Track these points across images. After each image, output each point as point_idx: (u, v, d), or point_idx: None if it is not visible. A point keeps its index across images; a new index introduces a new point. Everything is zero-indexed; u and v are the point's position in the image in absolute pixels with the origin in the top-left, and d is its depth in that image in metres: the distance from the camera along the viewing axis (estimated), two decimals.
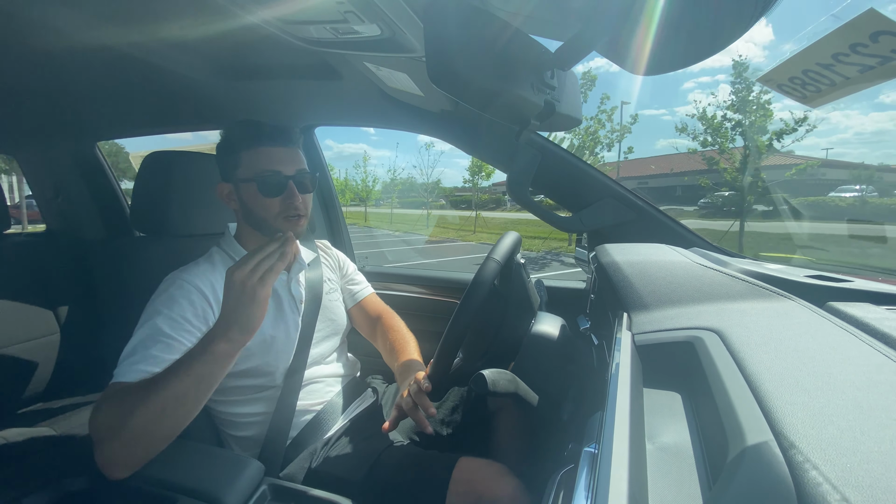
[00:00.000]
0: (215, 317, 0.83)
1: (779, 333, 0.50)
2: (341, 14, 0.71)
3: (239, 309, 0.67)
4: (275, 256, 0.70)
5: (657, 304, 0.66)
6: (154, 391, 0.64)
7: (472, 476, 0.80)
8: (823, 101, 0.50)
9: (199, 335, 0.79)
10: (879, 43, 0.42)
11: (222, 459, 0.73)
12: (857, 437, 0.29)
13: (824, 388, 0.36)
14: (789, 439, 0.30)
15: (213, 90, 1.29)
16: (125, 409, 0.63)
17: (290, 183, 0.88)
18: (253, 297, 0.67)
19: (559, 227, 1.19)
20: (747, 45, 50.99)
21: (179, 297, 0.80)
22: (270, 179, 0.86)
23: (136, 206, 1.02)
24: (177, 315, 0.77)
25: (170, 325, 0.76)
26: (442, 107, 1.17)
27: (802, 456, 0.28)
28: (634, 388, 0.43)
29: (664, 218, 1.13)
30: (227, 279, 0.68)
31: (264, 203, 0.87)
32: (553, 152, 1.15)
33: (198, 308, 0.81)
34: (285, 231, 0.88)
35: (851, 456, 0.28)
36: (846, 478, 0.26)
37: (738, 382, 0.39)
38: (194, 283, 0.82)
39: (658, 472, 0.37)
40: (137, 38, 0.97)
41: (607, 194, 1.14)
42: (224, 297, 0.69)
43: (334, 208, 1.74)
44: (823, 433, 0.30)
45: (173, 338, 0.75)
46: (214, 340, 0.67)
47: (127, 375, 0.69)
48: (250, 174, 0.87)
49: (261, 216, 0.89)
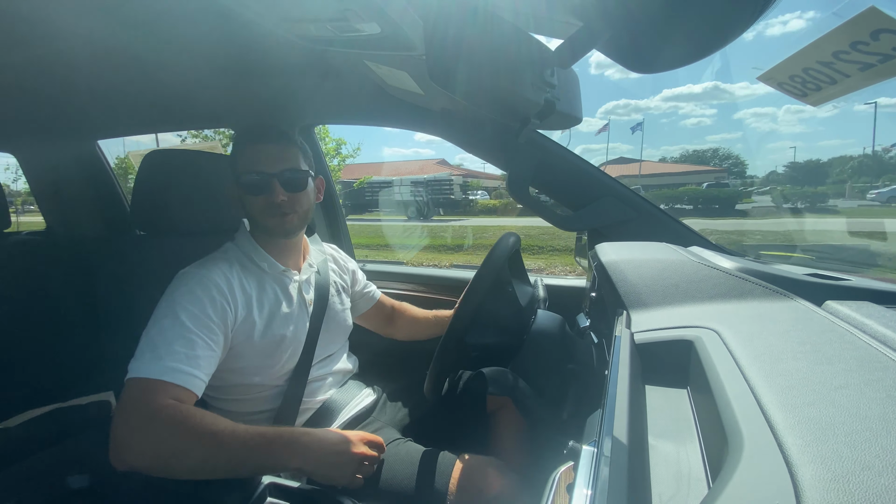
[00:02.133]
0: (233, 314, 0.83)
1: (778, 333, 0.50)
2: (341, 12, 0.71)
3: (337, 469, 0.73)
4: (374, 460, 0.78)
5: (657, 303, 0.66)
6: (206, 444, 0.66)
7: (473, 471, 0.80)
8: (824, 98, 0.50)
9: (219, 331, 0.79)
10: (880, 41, 0.42)
11: None
12: (857, 440, 0.29)
13: (824, 388, 0.36)
14: (788, 439, 0.30)
15: (214, 89, 1.29)
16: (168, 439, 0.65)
17: (274, 181, 0.88)
18: (350, 472, 0.74)
19: (559, 226, 1.19)
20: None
21: (200, 293, 0.80)
22: (253, 178, 0.88)
23: (137, 205, 1.02)
24: (198, 311, 0.78)
25: (192, 320, 0.76)
26: (442, 105, 1.17)
27: (801, 455, 0.28)
28: (634, 387, 0.43)
29: (664, 216, 1.13)
30: (348, 443, 0.75)
31: (251, 201, 0.90)
32: (553, 151, 1.15)
33: (217, 305, 0.81)
34: (272, 227, 0.90)
35: (851, 458, 0.28)
36: (844, 480, 0.26)
37: (737, 381, 0.39)
38: (214, 279, 0.83)
39: (657, 470, 0.37)
40: (138, 37, 0.97)
41: (607, 193, 1.14)
42: (332, 445, 0.74)
43: (334, 208, 1.74)
44: (823, 434, 0.30)
45: (195, 332, 0.75)
46: (291, 457, 0.70)
47: (150, 371, 0.70)
48: (237, 172, 0.90)
49: (251, 214, 0.92)
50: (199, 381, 0.73)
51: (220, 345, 0.80)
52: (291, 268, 0.98)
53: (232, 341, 0.84)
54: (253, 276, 0.90)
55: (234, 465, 0.66)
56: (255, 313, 0.87)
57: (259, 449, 0.68)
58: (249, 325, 0.86)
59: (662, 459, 0.39)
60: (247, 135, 0.92)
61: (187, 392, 0.71)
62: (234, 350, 0.85)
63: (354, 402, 1.04)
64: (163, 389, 0.69)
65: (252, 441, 0.68)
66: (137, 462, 0.64)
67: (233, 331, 0.83)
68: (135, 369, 0.70)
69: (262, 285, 0.91)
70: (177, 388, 0.70)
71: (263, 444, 0.69)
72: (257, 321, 0.87)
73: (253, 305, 0.87)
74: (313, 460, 0.71)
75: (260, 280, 0.91)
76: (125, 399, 0.68)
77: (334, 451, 0.73)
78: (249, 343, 0.86)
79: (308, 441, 0.72)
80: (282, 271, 0.95)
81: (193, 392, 0.72)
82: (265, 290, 0.91)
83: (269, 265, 0.93)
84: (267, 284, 0.92)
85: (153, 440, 0.64)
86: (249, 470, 0.68)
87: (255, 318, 0.87)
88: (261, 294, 0.90)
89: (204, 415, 0.69)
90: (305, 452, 0.71)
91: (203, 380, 0.75)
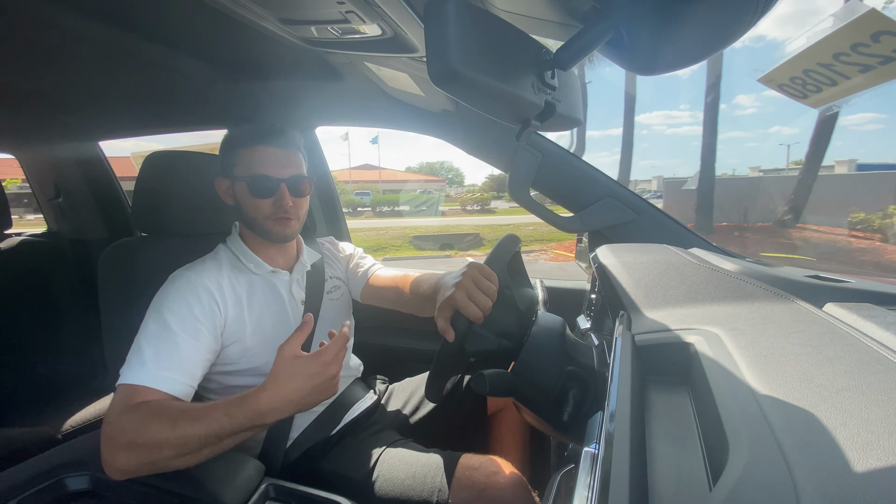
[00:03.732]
0: (223, 315, 0.83)
1: (778, 335, 0.50)
2: (342, 14, 0.71)
3: (312, 395, 0.68)
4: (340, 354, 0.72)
5: (657, 305, 0.66)
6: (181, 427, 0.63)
7: (475, 469, 0.80)
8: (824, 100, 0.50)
9: (206, 333, 0.79)
10: (881, 43, 0.42)
11: (222, 459, 0.73)
12: (858, 442, 0.29)
13: (825, 390, 0.36)
14: (789, 441, 0.30)
15: (215, 91, 1.30)
16: (147, 431, 0.63)
17: (282, 186, 0.88)
18: (328, 388, 0.69)
19: (560, 228, 1.19)
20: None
21: (188, 294, 0.80)
22: (262, 182, 0.87)
23: (138, 206, 1.02)
24: (185, 312, 0.78)
25: (178, 323, 0.76)
26: (443, 107, 1.17)
27: (803, 458, 0.28)
28: (635, 389, 0.43)
29: (665, 218, 1.13)
30: (309, 362, 0.68)
31: (255, 203, 0.88)
32: (553, 152, 1.15)
33: (205, 306, 0.81)
34: (274, 231, 0.89)
35: (852, 460, 0.28)
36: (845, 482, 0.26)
37: (738, 383, 0.39)
38: (202, 281, 0.83)
39: (658, 473, 0.37)
40: (139, 38, 0.97)
41: (608, 194, 1.14)
42: (294, 374, 0.67)
43: (334, 209, 1.75)
44: (824, 437, 0.30)
45: (181, 336, 0.75)
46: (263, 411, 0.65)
47: (135, 378, 0.69)
48: (244, 173, 0.87)
49: (251, 216, 0.89)
50: (184, 385, 0.73)
51: (209, 346, 0.80)
52: (282, 268, 0.97)
53: (223, 342, 0.84)
54: (243, 277, 0.90)
55: (214, 439, 0.64)
56: (245, 314, 0.87)
57: (232, 411, 0.65)
58: (240, 325, 0.86)
59: (663, 462, 0.39)
60: (254, 135, 0.89)
61: (172, 397, 0.71)
62: (226, 351, 0.85)
63: (357, 405, 1.04)
64: (148, 395, 0.69)
65: (224, 407, 0.66)
66: (127, 464, 0.63)
67: (223, 332, 0.83)
68: (123, 375, 0.71)
69: (252, 286, 0.91)
70: (162, 394, 0.70)
71: (235, 403, 0.66)
72: (247, 321, 0.87)
73: (243, 306, 0.87)
74: (280, 399, 0.66)
75: (250, 281, 0.91)
76: (112, 405, 0.68)
77: (298, 384, 0.67)
78: (241, 344, 0.86)
79: (271, 386, 0.66)
80: (270, 272, 0.94)
81: (179, 397, 0.72)
82: (255, 290, 0.90)
83: (255, 265, 0.92)
84: (256, 285, 0.91)
85: (131, 438, 0.63)
86: (232, 439, 0.65)
87: (246, 319, 0.87)
88: (250, 295, 0.89)
89: (173, 400, 0.70)
90: (272, 398, 0.66)
91: (189, 383, 0.74)
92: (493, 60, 0.47)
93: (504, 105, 0.53)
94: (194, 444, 0.63)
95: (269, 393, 0.66)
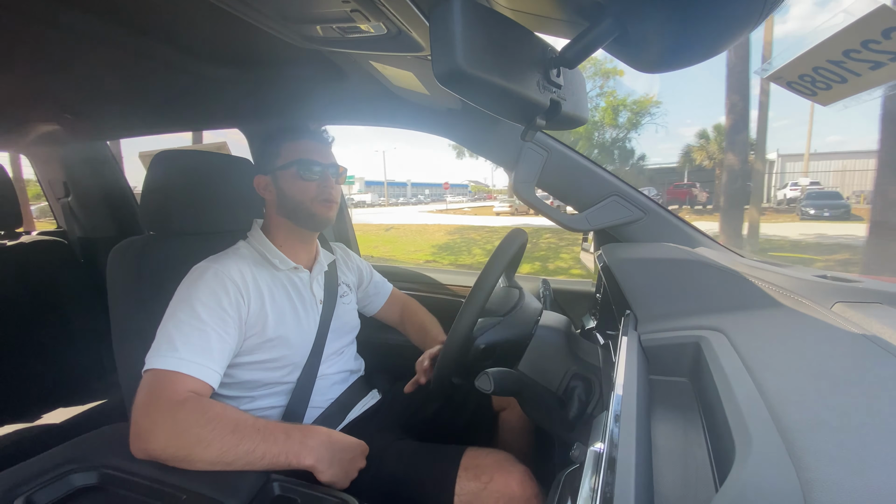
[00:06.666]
0: (247, 307, 0.85)
1: (786, 335, 0.49)
2: (347, 13, 0.71)
3: (343, 472, 0.75)
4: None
5: (664, 305, 0.65)
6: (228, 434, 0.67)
7: (481, 462, 0.80)
8: (834, 97, 0.50)
9: (233, 325, 0.81)
10: (892, 39, 0.41)
11: None
12: (867, 442, 0.29)
13: (833, 390, 0.36)
14: (797, 441, 0.30)
15: (221, 90, 1.30)
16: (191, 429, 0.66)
17: (328, 171, 0.96)
18: (349, 478, 0.77)
19: (565, 226, 1.19)
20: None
21: (216, 286, 0.82)
22: (309, 165, 0.94)
23: (146, 205, 1.03)
24: (214, 303, 0.80)
25: (207, 313, 0.78)
26: (448, 105, 1.17)
27: (810, 457, 0.28)
28: (641, 388, 0.43)
29: (671, 217, 1.12)
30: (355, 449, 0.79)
31: (303, 187, 0.94)
32: (559, 151, 1.15)
33: (232, 297, 0.83)
34: (319, 213, 0.95)
35: (860, 460, 0.27)
36: (853, 481, 0.25)
37: (745, 383, 0.39)
38: (229, 273, 0.85)
39: (663, 472, 0.37)
40: (144, 38, 0.98)
41: (614, 193, 1.13)
42: (342, 449, 0.77)
43: (340, 209, 1.75)
44: (832, 436, 0.30)
45: (210, 325, 0.77)
46: (305, 452, 0.72)
47: (167, 364, 0.71)
48: (291, 160, 0.93)
49: (298, 199, 0.94)
50: (214, 373, 0.75)
51: (235, 338, 0.82)
52: (303, 266, 1.00)
53: (245, 334, 0.85)
54: (266, 273, 0.92)
55: (251, 458, 0.68)
56: (267, 308, 0.88)
57: (277, 442, 0.69)
58: (262, 319, 0.87)
59: (669, 461, 0.38)
60: (295, 131, 0.97)
61: (203, 384, 0.73)
62: (246, 344, 0.86)
63: (361, 403, 1.05)
64: (180, 381, 0.71)
65: (270, 434, 0.70)
66: (160, 452, 0.65)
67: (246, 324, 0.85)
68: (152, 361, 0.72)
69: (275, 282, 0.93)
70: (194, 380, 0.72)
71: (281, 437, 0.70)
72: (269, 315, 0.88)
73: (265, 300, 0.89)
74: (326, 459, 0.73)
75: (273, 276, 0.93)
76: (145, 390, 0.70)
77: (343, 455, 0.75)
78: (261, 337, 0.87)
79: (322, 440, 0.74)
80: (293, 268, 0.97)
81: (209, 384, 0.74)
82: (277, 286, 0.93)
83: (280, 261, 0.95)
84: (279, 281, 0.94)
85: (177, 431, 0.66)
86: (265, 463, 0.69)
87: (268, 313, 0.88)
88: (273, 290, 0.91)
89: (225, 406, 0.71)
90: (318, 450, 0.73)
91: (218, 372, 0.76)
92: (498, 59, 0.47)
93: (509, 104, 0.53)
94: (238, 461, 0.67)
95: (324, 435, 0.76)
